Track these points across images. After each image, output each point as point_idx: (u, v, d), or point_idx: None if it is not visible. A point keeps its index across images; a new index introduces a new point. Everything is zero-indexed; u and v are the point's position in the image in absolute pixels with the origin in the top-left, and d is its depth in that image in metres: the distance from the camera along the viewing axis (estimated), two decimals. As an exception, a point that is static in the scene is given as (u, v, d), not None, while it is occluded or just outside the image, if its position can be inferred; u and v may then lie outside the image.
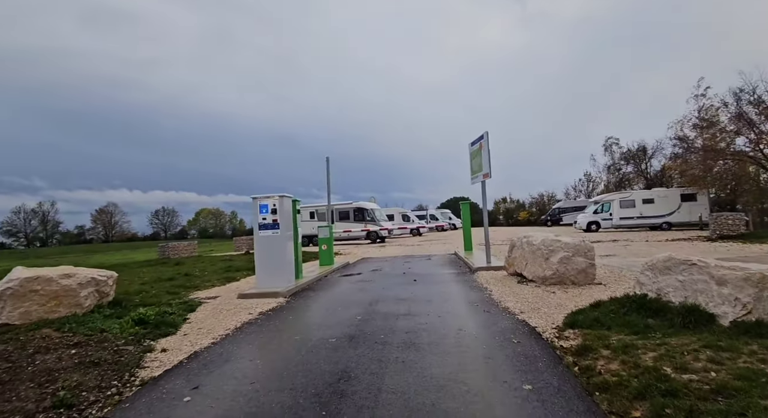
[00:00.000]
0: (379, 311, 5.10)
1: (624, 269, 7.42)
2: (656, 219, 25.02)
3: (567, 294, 5.36)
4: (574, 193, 52.75)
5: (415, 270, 9.16)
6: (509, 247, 7.21)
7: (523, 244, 6.66)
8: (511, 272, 7.01)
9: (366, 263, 11.65)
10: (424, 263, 10.92)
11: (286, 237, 7.03)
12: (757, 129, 20.44)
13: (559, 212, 42.75)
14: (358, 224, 27.64)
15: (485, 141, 8.78)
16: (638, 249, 11.86)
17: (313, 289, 7.17)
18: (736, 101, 21.28)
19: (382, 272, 9.09)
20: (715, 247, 11.55)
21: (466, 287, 6.55)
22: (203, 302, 6.21)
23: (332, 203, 29.42)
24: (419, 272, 8.66)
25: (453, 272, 8.49)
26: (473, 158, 9.80)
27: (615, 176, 42.89)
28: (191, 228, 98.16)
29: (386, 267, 10.19)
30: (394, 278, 8.07)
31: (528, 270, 6.37)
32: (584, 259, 5.85)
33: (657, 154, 37.14)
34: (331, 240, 10.88)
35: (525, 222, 52.96)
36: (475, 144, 9.50)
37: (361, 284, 7.54)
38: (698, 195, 24.43)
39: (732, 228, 14.74)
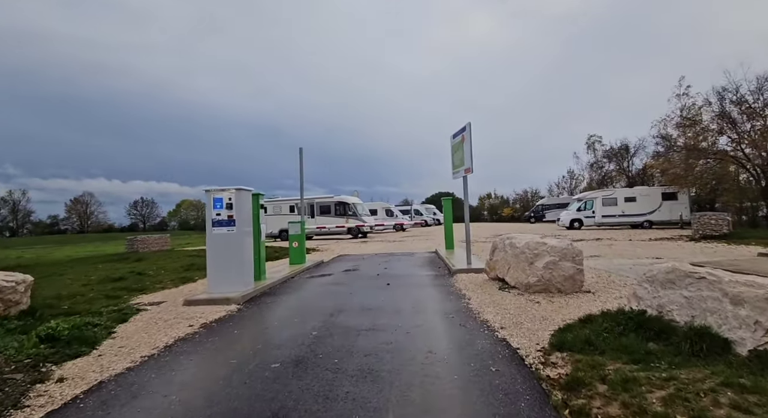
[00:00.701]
0: (340, 324, 4.43)
1: (612, 272, 6.91)
2: (638, 217, 24.99)
3: (553, 304, 4.78)
4: (557, 190, 52.99)
5: (391, 271, 8.52)
6: (491, 249, 6.62)
7: (506, 246, 6.07)
8: (493, 276, 6.42)
9: (341, 262, 10.96)
10: (402, 262, 10.29)
11: (244, 235, 6.28)
12: (740, 128, 20.42)
13: (543, 209, 42.77)
14: (339, 219, 26.92)
15: (467, 133, 8.16)
16: (623, 249, 11.47)
17: (273, 293, 6.45)
18: (720, 100, 21.21)
19: (356, 273, 8.42)
20: (701, 248, 11.24)
21: (442, 293, 5.93)
22: (142, 309, 5.44)
23: (313, 197, 28.69)
24: (395, 274, 8.02)
25: (431, 273, 7.88)
26: (455, 152, 9.17)
27: (597, 174, 43.09)
28: (172, 220, 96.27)
29: (362, 267, 9.53)
30: (366, 280, 7.41)
31: (510, 275, 5.79)
32: (572, 264, 5.28)
33: (639, 152, 37.37)
34: (303, 237, 10.15)
35: (509, 218, 52.98)
36: (457, 136, 8.87)
37: (328, 287, 6.86)
38: (679, 194, 24.46)
39: (715, 228, 14.55)
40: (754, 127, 19.64)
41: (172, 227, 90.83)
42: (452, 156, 9.37)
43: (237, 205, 6.19)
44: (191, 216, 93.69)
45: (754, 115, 19.49)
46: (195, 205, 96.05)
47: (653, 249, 11.37)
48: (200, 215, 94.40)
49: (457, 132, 8.88)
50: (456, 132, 8.93)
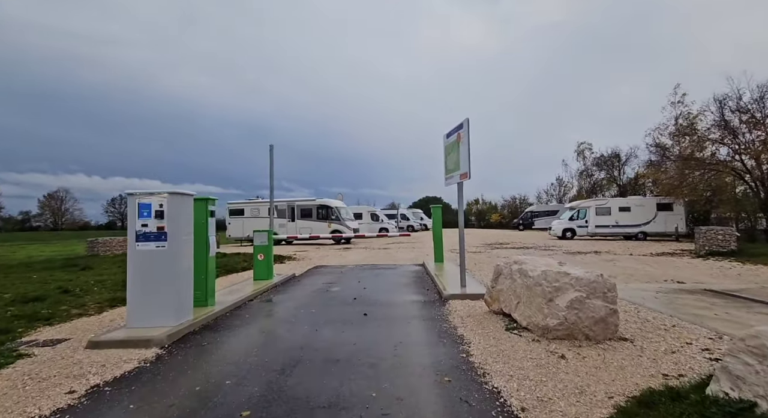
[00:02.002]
0: (289, 391, 3.07)
1: (638, 304, 5.69)
2: (632, 228, 24.18)
3: (584, 362, 3.50)
4: (546, 197, 52.43)
5: (371, 292, 7.18)
6: (494, 274, 5.33)
7: (514, 273, 4.79)
8: (496, 309, 5.13)
9: (316, 276, 9.57)
10: (385, 278, 8.96)
11: (180, 251, 4.86)
12: (740, 138, 19.68)
13: (532, 216, 42.02)
14: (321, 223, 25.54)
15: (465, 131, 6.88)
16: (631, 267, 10.34)
17: (215, 328, 5.03)
18: (720, 108, 20.49)
19: (328, 295, 7.05)
20: (719, 268, 10.16)
21: (433, 332, 4.61)
22: (26, 354, 3.97)
23: (293, 199, 27.20)
24: (375, 298, 6.67)
25: (418, 299, 6.55)
26: (448, 154, 7.89)
27: (587, 182, 42.52)
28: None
29: (338, 284, 8.16)
30: (340, 306, 6.05)
31: (521, 312, 4.50)
32: (603, 303, 4.03)
33: (630, 161, 36.87)
34: (270, 248, 8.74)
35: (497, 225, 52.15)
36: (452, 135, 7.59)
37: (290, 318, 5.47)
38: (674, 205, 23.72)
39: (722, 244, 13.60)
40: (758, 136, 18.89)
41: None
42: (445, 159, 8.09)
43: (171, 213, 4.78)
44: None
45: (756, 124, 18.75)
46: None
47: (664, 268, 10.26)
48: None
49: (451, 130, 7.61)
50: (450, 130, 7.66)
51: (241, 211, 26.86)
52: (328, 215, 25.50)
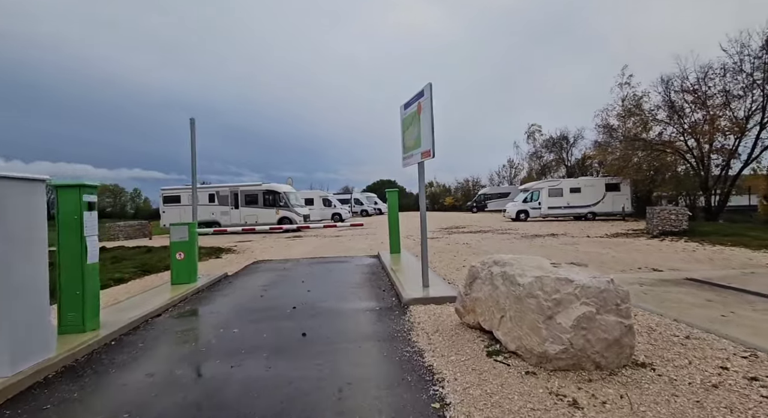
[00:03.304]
0: None
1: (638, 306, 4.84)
2: (582, 209, 24.53)
3: (608, 414, 2.46)
4: (498, 179, 53.20)
5: (315, 298, 5.89)
6: (468, 277, 4.22)
7: (495, 277, 3.69)
8: (471, 321, 4.04)
9: (252, 276, 8.10)
10: (335, 275, 7.69)
11: (13, 262, 3.28)
12: (685, 118, 20.14)
13: (485, 199, 42.27)
14: (268, 210, 23.68)
15: (426, 100, 5.66)
16: (596, 253, 9.81)
17: (79, 373, 3.52)
18: (666, 89, 20.84)
19: (261, 305, 5.67)
20: (684, 250, 9.85)
21: (392, 363, 3.42)
22: None
23: (237, 184, 25.01)
24: (320, 306, 5.39)
25: (372, 306, 5.35)
26: (406, 128, 6.66)
27: (537, 164, 43.33)
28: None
29: (276, 287, 6.79)
30: (272, 323, 4.71)
31: (507, 331, 3.42)
32: (617, 318, 3.03)
33: (578, 142, 37.76)
34: (193, 244, 7.14)
35: (451, 207, 52.27)
36: (411, 106, 6.35)
37: (201, 345, 4.07)
38: (621, 185, 24.29)
39: (674, 224, 13.63)
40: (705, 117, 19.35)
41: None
42: (402, 134, 6.85)
43: (4, 207, 3.17)
44: (107, 203, 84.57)
45: (702, 104, 19.18)
46: (112, 190, 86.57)
47: (629, 252, 9.82)
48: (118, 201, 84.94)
49: (410, 100, 6.35)
50: (409, 100, 6.41)
51: (177, 197, 24.26)
52: (276, 202, 23.66)
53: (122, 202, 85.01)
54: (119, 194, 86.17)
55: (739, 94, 18.58)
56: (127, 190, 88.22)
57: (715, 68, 18.88)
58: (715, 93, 19.08)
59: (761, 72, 17.65)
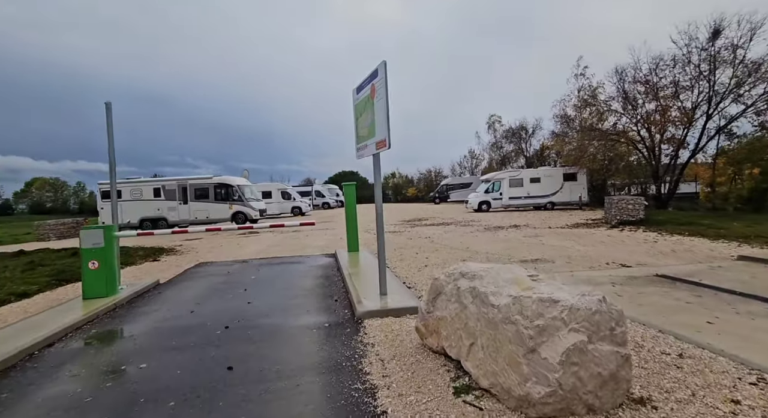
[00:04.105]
0: None
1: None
2: (542, 199, 24.81)
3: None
4: (460, 169, 53.54)
5: (256, 312, 5.05)
6: (430, 291, 3.54)
7: (463, 293, 3.04)
8: (434, 345, 3.38)
9: (189, 282, 7.09)
10: (283, 281, 6.85)
11: None
12: (641, 108, 20.59)
13: (447, 189, 42.30)
14: (220, 205, 22.21)
15: (381, 81, 4.90)
16: (561, 246, 9.53)
17: None
18: (620, 80, 21.20)
19: (188, 323, 4.76)
20: (645, 241, 9.75)
21: (336, 407, 2.69)
22: None
23: (186, 177, 23.26)
24: (258, 324, 4.57)
25: (321, 321, 4.59)
26: (359, 115, 5.88)
27: (498, 154, 43.86)
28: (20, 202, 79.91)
29: (213, 298, 5.87)
30: (195, 351, 3.84)
31: (478, 363, 2.78)
32: (612, 347, 2.45)
33: (536, 133, 38.41)
34: (111, 251, 6.05)
35: (413, 198, 52.11)
36: (364, 89, 5.57)
37: (92, 390, 3.16)
38: (578, 175, 24.75)
39: (632, 213, 13.75)
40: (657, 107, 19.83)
41: (20, 211, 75.20)
42: (356, 122, 6.06)
43: None
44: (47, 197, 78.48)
45: (655, 95, 19.63)
46: (53, 184, 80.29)
47: (592, 244, 9.61)
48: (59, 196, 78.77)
49: (363, 82, 5.57)
50: (362, 82, 5.62)
51: (118, 192, 22.15)
52: (229, 195, 22.20)
53: (64, 198, 79.05)
54: (61, 189, 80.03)
55: (687, 85, 19.18)
56: (70, 184, 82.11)
57: (666, 60, 19.39)
58: (666, 84, 19.60)
59: (707, 64, 18.24)
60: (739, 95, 17.71)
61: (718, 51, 17.74)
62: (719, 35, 17.55)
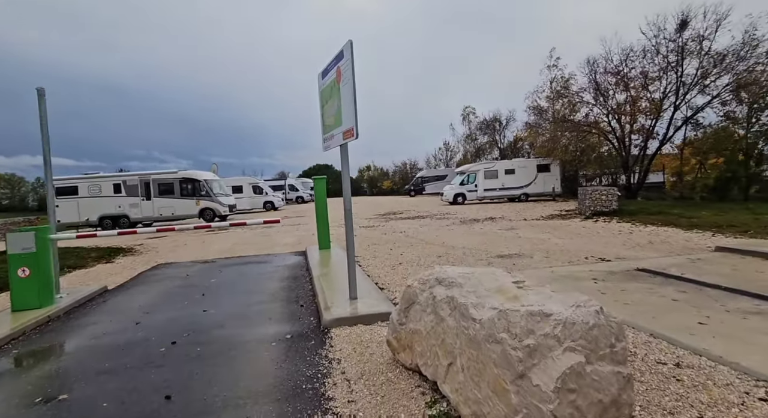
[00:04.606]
0: None
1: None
2: (516, 190, 24.88)
3: None
4: (435, 161, 53.49)
5: (211, 321, 4.52)
6: (403, 300, 3.13)
7: (439, 304, 2.64)
8: (407, 361, 2.97)
9: (141, 288, 6.44)
10: (246, 284, 6.30)
11: None
12: (612, 99, 20.77)
13: (422, 182, 42.11)
14: (187, 201, 21.19)
15: (347, 63, 4.40)
16: (538, 239, 9.33)
17: None
18: (591, 71, 21.32)
19: (133, 336, 4.18)
20: (620, 233, 9.68)
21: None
22: None
23: (149, 172, 22.04)
24: (212, 337, 4.04)
25: (283, 332, 4.10)
26: (325, 102, 5.36)
27: (472, 146, 43.95)
28: None
29: (163, 307, 5.28)
30: (131, 372, 3.30)
31: (458, 387, 2.38)
32: (612, 366, 2.11)
33: (510, 124, 38.61)
34: (45, 256, 5.35)
35: (389, 191, 51.77)
36: (329, 73, 5.05)
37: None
38: (551, 166, 24.92)
39: (605, 204, 13.79)
40: (627, 98, 20.03)
41: (-28, 209, 70.62)
42: (321, 110, 5.54)
43: None
44: (2, 194, 74.05)
45: (626, 86, 19.82)
46: (8, 180, 75.75)
47: (569, 237, 9.47)
48: (16, 192, 74.41)
49: (328, 65, 5.05)
50: (327, 66, 5.10)
51: (73, 189, 20.80)
52: (196, 191, 21.17)
53: (22, 195, 74.63)
54: (17, 185, 75.54)
55: (656, 76, 19.44)
56: (29, 180, 77.68)
57: (636, 51, 19.57)
58: (636, 75, 19.82)
59: (675, 55, 18.50)
60: (704, 86, 18.07)
61: (685, 42, 18.01)
62: (686, 26, 17.80)
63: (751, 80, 16.72)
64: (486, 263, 6.83)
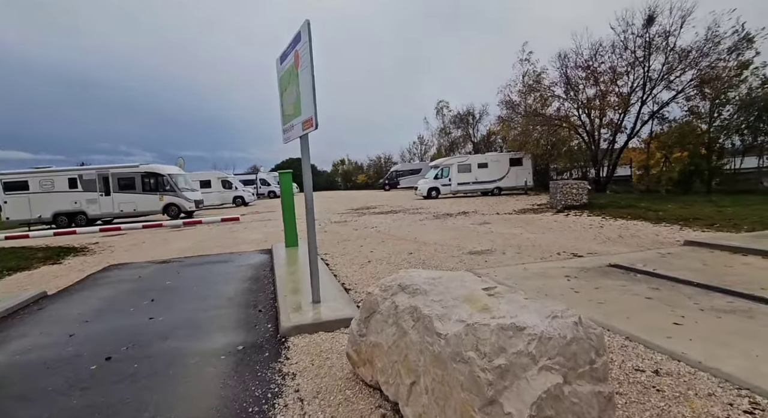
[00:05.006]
0: None
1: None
2: (489, 184, 24.96)
3: None
4: (409, 155, 53.33)
5: (156, 330, 4.08)
6: (363, 308, 2.81)
7: (402, 315, 2.34)
8: (367, 377, 2.67)
9: (84, 293, 5.88)
10: (202, 287, 5.84)
11: None
12: (583, 94, 21.03)
13: (397, 176, 41.91)
14: (149, 196, 20.18)
15: (305, 46, 4.00)
16: (510, 234, 9.22)
17: None
18: (562, 65, 21.50)
19: (62, 351, 3.70)
20: (591, 227, 9.68)
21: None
22: None
23: (107, 166, 20.84)
24: (153, 350, 3.62)
25: (235, 342, 3.72)
26: (284, 89, 4.95)
27: (446, 140, 43.99)
28: None
29: (104, 315, 4.78)
30: (46, 400, 2.86)
31: (422, 411, 2.10)
32: (593, 386, 1.87)
33: (483, 118, 38.81)
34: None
35: (363, 185, 51.30)
36: (288, 57, 4.64)
37: None
38: (524, 160, 25.14)
39: (576, 197, 13.90)
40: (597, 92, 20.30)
41: None
42: (281, 97, 5.12)
43: None
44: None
45: (596, 81, 20.07)
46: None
47: (541, 231, 9.40)
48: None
49: (287, 49, 4.63)
50: (285, 49, 4.67)
51: (23, 184, 19.37)
52: (159, 185, 20.15)
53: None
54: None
55: (624, 71, 19.76)
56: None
57: (605, 46, 19.81)
58: (605, 70, 20.10)
59: (642, 50, 18.84)
60: (670, 81, 18.50)
61: (652, 38, 18.34)
62: (653, 22, 18.12)
63: (714, 76, 17.22)
64: (458, 260, 6.62)
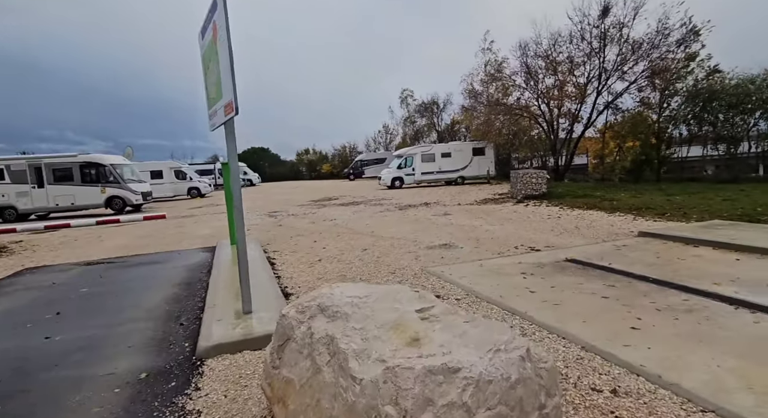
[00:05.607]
0: None
1: (525, 317, 3.61)
2: (453, 173, 24.94)
3: None
4: (374, 145, 52.73)
5: (48, 351, 3.42)
6: (276, 334, 2.32)
7: (317, 347, 1.89)
8: (279, 414, 2.19)
9: (-19, 307, 5.04)
10: (125, 292, 5.16)
11: None
12: (542, 83, 21.16)
13: (362, 165, 41.35)
14: (89, 188, 18.66)
15: (221, 16, 3.40)
16: (470, 226, 8.97)
17: None
18: (522, 54, 21.52)
19: None
20: (549, 217, 9.60)
21: None
22: None
23: (40, 156, 19.07)
24: (36, 378, 2.99)
25: (139, 367, 3.15)
26: (207, 67, 4.31)
27: (411, 129, 43.70)
28: None
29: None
30: None
31: (333, 473, 1.66)
32: (543, 436, 1.50)
33: (447, 107, 38.75)
34: None
35: (329, 175, 50.33)
36: (207, 31, 4.00)
37: None
38: (486, 149, 25.24)
39: (535, 187, 13.93)
40: (555, 83, 20.47)
41: None
42: (204, 78, 4.48)
43: None
44: None
45: (554, 70, 20.21)
46: None
47: (500, 222, 9.22)
48: None
49: (205, 21, 3.98)
50: (204, 22, 4.03)
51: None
52: (101, 177, 18.63)
53: None
54: None
55: (581, 61, 20.02)
56: None
57: (564, 36, 19.95)
58: (564, 60, 20.28)
59: (598, 41, 19.10)
60: (623, 72, 18.89)
61: (607, 29, 18.60)
62: (608, 13, 18.35)
63: (663, 68, 17.70)
64: (413, 256, 6.25)
